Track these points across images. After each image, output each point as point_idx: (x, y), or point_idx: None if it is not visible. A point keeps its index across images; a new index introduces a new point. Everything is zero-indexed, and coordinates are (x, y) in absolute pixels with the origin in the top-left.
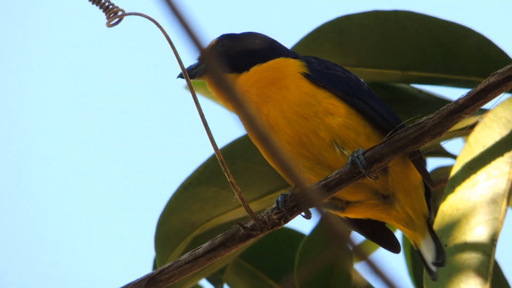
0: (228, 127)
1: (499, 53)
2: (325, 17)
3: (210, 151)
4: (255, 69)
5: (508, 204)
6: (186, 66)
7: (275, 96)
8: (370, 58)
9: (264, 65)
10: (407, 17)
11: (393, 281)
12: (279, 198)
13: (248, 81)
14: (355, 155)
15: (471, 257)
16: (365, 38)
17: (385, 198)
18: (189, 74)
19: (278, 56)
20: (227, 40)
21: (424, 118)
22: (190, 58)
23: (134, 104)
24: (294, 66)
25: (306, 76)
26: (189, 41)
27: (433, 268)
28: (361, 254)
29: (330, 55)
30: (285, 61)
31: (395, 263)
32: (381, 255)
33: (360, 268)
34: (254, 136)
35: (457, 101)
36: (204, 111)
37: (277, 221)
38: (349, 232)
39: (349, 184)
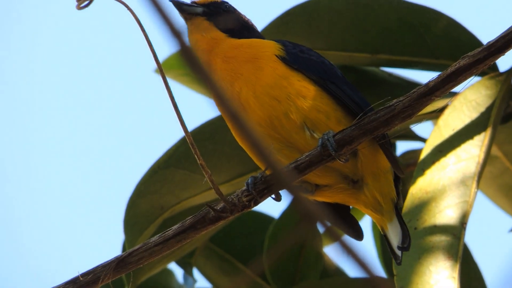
0: (197, 111)
1: (469, 36)
2: (295, 0)
3: (180, 134)
4: (239, 43)
5: (477, 187)
6: (156, 48)
7: (249, 76)
8: (340, 41)
9: (244, 41)
10: (376, 0)
11: (366, 261)
12: (249, 181)
13: (228, 51)
14: (325, 137)
15: (441, 240)
16: (335, 21)
17: (355, 183)
18: (180, 5)
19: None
20: (230, 6)
21: (395, 100)
22: (160, 41)
23: (103, 87)
24: (271, 48)
25: (282, 59)
26: (161, 19)
27: (398, 252)
28: (334, 234)
29: (299, 38)
30: (263, 42)
31: (364, 248)
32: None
33: (329, 251)
34: (226, 115)
35: (427, 84)
36: (174, 94)
37: (247, 203)
38: (321, 213)
39: (319, 167)
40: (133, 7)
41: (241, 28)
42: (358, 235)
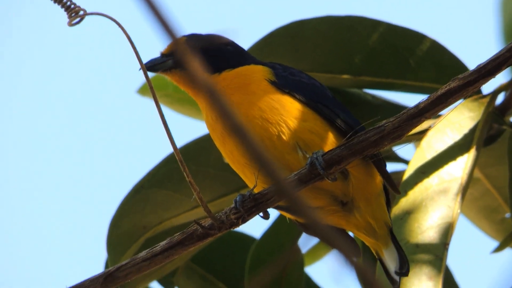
0: (180, 132)
1: (452, 59)
2: (279, 22)
3: (163, 154)
4: (225, 75)
5: (460, 208)
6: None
7: (241, 101)
8: (323, 63)
9: (233, 71)
10: (360, 22)
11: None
12: (237, 198)
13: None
14: (314, 156)
15: (423, 260)
16: (318, 43)
17: (344, 205)
18: (153, 68)
19: (247, 63)
20: (196, 41)
21: (384, 121)
22: (151, 55)
23: (89, 105)
24: (260, 73)
25: (272, 82)
26: (164, 32)
27: (396, 277)
28: (340, 248)
29: (283, 60)
30: (252, 68)
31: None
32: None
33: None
34: (229, 127)
35: (417, 105)
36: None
37: (235, 220)
38: (326, 225)
39: (308, 186)
40: (124, 24)
41: (216, 59)
42: (356, 252)
